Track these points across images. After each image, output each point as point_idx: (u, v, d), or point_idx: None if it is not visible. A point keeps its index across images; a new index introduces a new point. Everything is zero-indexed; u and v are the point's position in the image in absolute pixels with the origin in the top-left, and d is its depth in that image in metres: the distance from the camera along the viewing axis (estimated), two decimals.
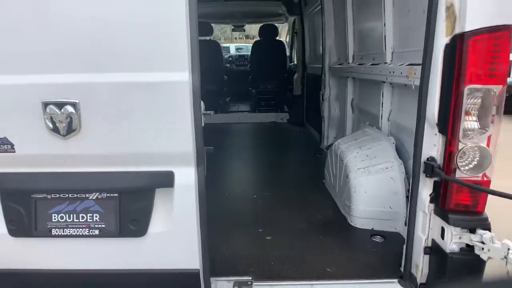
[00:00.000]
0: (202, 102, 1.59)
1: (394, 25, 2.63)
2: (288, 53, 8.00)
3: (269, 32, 7.09)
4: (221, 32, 17.25)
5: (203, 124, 1.58)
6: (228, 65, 8.77)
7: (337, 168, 2.90)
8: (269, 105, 6.98)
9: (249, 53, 8.11)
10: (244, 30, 10.17)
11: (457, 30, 1.50)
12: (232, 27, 8.52)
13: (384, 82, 2.76)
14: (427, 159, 1.69)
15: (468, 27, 1.46)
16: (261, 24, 7.34)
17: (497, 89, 1.47)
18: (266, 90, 7.02)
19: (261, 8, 7.04)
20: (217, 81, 6.63)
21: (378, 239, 2.34)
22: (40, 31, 1.46)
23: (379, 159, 2.53)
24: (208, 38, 6.94)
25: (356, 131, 3.33)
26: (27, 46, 1.48)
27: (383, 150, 2.57)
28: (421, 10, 2.11)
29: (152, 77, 1.50)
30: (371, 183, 2.47)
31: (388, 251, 2.15)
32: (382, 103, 2.85)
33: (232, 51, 11.83)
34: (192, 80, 1.51)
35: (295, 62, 7.32)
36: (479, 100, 1.50)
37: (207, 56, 6.56)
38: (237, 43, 14.57)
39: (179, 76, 1.50)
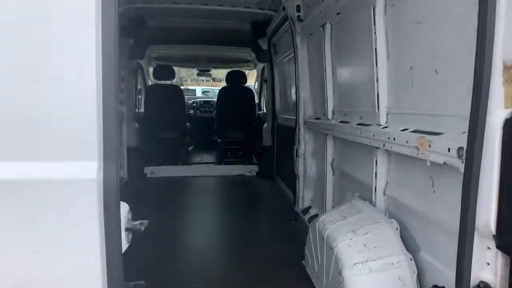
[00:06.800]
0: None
1: (390, 82, 2.19)
2: (257, 101, 7.70)
3: (237, 78, 6.88)
4: (188, 74, 17.00)
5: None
6: (192, 111, 8.39)
7: (324, 254, 2.27)
8: (237, 156, 6.70)
9: (215, 99, 7.75)
10: (210, 75, 9.91)
11: None
12: (198, 72, 8.24)
13: (379, 148, 2.27)
14: (478, 285, 1.12)
15: None
16: (228, 70, 7.09)
17: None
18: (233, 140, 6.71)
19: (228, 53, 6.98)
20: (178, 129, 6.36)
21: None
22: None
23: (380, 250, 1.94)
24: (169, 82, 6.70)
25: (342, 202, 2.77)
26: None
27: (384, 237, 1.99)
28: (431, 69, 1.69)
29: None
30: (373, 284, 1.86)
31: None
32: (376, 173, 2.33)
33: (198, 94, 11.43)
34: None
35: (264, 111, 7.09)
36: None
37: (168, 101, 6.16)
38: (204, 86, 14.33)
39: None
